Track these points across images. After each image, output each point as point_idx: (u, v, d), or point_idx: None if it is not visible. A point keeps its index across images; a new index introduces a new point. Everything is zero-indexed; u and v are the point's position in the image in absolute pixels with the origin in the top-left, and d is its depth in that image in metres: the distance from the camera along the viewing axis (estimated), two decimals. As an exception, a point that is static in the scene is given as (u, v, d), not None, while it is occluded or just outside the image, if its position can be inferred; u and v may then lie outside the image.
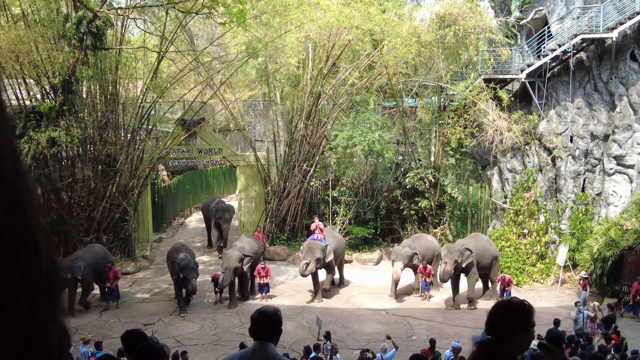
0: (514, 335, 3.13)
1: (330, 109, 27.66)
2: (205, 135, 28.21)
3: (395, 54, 25.29)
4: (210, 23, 33.35)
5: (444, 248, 20.33)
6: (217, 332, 17.36)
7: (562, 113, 24.20)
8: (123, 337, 5.52)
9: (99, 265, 19.62)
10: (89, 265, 19.20)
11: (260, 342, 4.17)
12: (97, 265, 19.55)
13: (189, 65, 26.65)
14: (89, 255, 19.79)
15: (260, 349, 4.14)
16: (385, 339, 14.54)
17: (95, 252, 20.19)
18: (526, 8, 25.76)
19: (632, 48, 23.01)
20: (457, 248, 19.87)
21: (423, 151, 27.67)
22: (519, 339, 3.14)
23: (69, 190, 22.90)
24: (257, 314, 4.28)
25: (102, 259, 19.98)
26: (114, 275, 19.55)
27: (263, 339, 4.17)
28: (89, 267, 19.20)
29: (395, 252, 20.89)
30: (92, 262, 19.45)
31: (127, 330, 5.62)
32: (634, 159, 22.42)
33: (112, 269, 19.58)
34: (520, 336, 3.14)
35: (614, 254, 19.61)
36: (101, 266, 19.69)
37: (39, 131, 21.06)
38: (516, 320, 3.17)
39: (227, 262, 19.52)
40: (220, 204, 26.46)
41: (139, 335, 5.55)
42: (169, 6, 21.23)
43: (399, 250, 20.78)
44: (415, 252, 20.75)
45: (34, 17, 22.10)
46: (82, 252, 20.03)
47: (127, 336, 5.49)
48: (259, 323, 4.21)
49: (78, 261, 18.89)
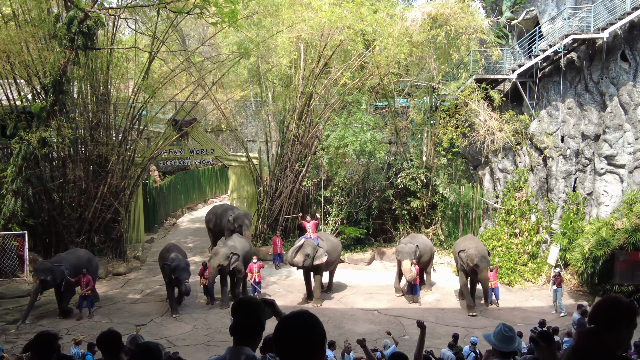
0: (618, 328, 3.22)
1: (322, 109, 27.66)
2: (197, 135, 28.18)
3: (387, 54, 25.33)
4: (201, 23, 33.29)
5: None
6: (209, 333, 17.32)
7: (553, 113, 24.28)
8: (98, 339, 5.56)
9: (82, 268, 18.75)
10: (72, 267, 18.54)
11: (236, 347, 3.93)
12: (80, 269, 18.65)
13: (181, 65, 26.59)
14: (72, 258, 19.13)
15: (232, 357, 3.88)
16: (386, 335, 14.68)
17: (79, 256, 19.49)
18: (517, 8, 25.84)
19: (623, 48, 23.11)
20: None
21: (415, 151, 27.72)
22: (622, 333, 3.26)
23: (60, 191, 22.82)
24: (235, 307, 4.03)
25: (86, 262, 19.34)
26: (86, 283, 18.43)
27: (242, 339, 3.94)
28: (72, 270, 18.50)
29: (399, 250, 20.72)
30: (75, 266, 18.72)
31: (102, 332, 5.66)
32: (625, 159, 22.53)
33: (86, 275, 18.45)
34: (624, 330, 3.24)
35: (605, 254, 19.67)
36: (85, 270, 19.01)
37: (30, 131, 20.97)
38: (623, 314, 3.29)
39: (214, 258, 19.54)
40: (236, 210, 25.85)
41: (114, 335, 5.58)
42: (160, 6, 21.21)
43: (403, 247, 20.61)
44: (417, 245, 20.76)
45: (24, 17, 22.02)
46: (66, 255, 19.44)
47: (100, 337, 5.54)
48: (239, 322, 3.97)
49: (60, 264, 18.34)
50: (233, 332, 3.98)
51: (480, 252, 19.40)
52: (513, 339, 5.75)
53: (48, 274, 17.75)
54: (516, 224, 23.69)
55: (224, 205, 27.54)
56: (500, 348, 5.73)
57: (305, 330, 3.12)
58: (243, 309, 3.99)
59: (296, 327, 3.14)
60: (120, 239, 24.82)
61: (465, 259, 19.41)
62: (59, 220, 22.61)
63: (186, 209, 36.47)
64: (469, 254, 19.35)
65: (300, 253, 19.65)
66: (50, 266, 18.07)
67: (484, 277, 19.53)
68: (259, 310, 4.01)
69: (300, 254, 19.64)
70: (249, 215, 25.44)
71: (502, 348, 5.72)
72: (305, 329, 3.12)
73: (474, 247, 19.63)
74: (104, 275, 23.04)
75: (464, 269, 19.72)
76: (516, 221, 23.70)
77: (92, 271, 19.50)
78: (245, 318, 3.96)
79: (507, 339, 5.73)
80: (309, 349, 3.08)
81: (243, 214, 25.07)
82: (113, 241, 24.51)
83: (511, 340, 5.73)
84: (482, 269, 19.27)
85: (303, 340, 3.08)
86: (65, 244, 22.70)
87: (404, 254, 20.29)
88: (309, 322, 3.16)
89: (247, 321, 3.96)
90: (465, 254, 19.45)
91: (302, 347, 3.07)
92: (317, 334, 3.13)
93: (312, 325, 3.15)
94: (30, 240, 21.80)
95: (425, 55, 26.76)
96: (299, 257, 19.61)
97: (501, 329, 5.82)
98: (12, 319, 17.97)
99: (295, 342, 3.08)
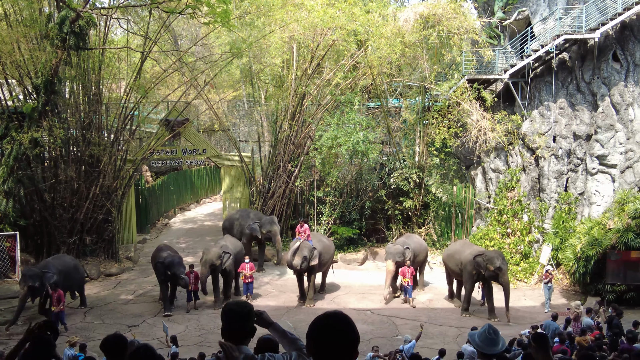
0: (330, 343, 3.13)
1: (315, 109, 27.66)
2: (190, 135, 28.13)
3: (379, 54, 25.36)
4: (194, 23, 33.28)
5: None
6: (202, 334, 17.29)
7: (545, 113, 24.36)
8: (104, 343, 5.46)
9: (69, 275, 18.48)
10: (59, 273, 18.04)
11: None
12: (67, 275, 18.34)
13: (173, 65, 26.54)
14: (58, 264, 18.54)
15: None
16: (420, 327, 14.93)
17: (65, 262, 18.98)
18: (509, 9, 25.92)
19: (614, 48, 23.22)
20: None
21: (407, 151, 27.77)
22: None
23: (52, 191, 22.72)
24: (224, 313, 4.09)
25: (72, 269, 18.98)
26: (57, 298, 17.16)
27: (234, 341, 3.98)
28: (60, 276, 17.98)
29: (386, 251, 20.99)
30: (61, 272, 18.18)
31: (108, 336, 5.58)
32: (616, 159, 22.63)
33: (57, 289, 17.28)
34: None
35: (596, 253, 19.72)
36: (72, 277, 18.74)
37: (22, 132, 20.90)
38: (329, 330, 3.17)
39: (206, 256, 19.49)
40: (258, 214, 24.91)
41: (122, 340, 5.51)
42: (152, 6, 21.16)
43: (389, 248, 20.81)
44: (407, 247, 20.73)
45: (16, 17, 21.91)
46: (52, 260, 18.93)
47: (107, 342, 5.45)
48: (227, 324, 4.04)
49: (48, 270, 17.76)
50: (224, 335, 4.04)
51: (500, 254, 18.89)
52: (496, 341, 5.68)
53: (36, 280, 17.23)
54: (508, 223, 23.74)
55: (244, 211, 25.67)
56: (482, 350, 5.68)
57: (344, 330, 3.11)
58: (233, 314, 4.05)
59: (335, 326, 3.12)
60: (113, 240, 24.75)
61: (485, 264, 18.51)
62: (51, 220, 22.52)
63: (178, 209, 36.37)
64: (490, 257, 18.51)
65: (298, 255, 19.61)
66: (38, 272, 17.53)
67: (506, 280, 18.71)
68: (249, 316, 4.07)
69: (298, 256, 19.62)
70: (275, 219, 24.46)
71: (484, 350, 5.68)
72: (344, 328, 3.11)
73: (491, 251, 19.30)
74: (96, 276, 22.99)
75: (476, 275, 18.85)
76: (508, 221, 23.75)
77: (78, 278, 19.25)
78: (234, 323, 4.02)
79: (489, 341, 5.67)
80: (347, 348, 3.07)
81: (269, 220, 24.02)
82: (105, 242, 24.42)
83: (494, 342, 5.67)
84: (505, 272, 18.57)
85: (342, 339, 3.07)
86: (57, 244, 22.63)
87: (388, 254, 20.55)
88: (346, 321, 3.15)
89: (237, 326, 4.02)
90: (486, 258, 18.54)
91: (341, 346, 3.06)
92: (354, 333, 3.13)
93: (350, 324, 3.14)
94: (22, 241, 21.70)
95: (417, 56, 26.81)
96: (297, 259, 19.60)
97: (485, 330, 5.78)
98: (4, 320, 17.87)
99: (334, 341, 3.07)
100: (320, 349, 3.06)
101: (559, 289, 21.99)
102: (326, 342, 3.06)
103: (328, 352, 3.04)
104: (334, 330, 3.08)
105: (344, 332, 3.08)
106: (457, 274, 19.87)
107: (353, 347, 3.08)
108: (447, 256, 20.69)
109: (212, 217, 34.79)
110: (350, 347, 3.07)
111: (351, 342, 3.08)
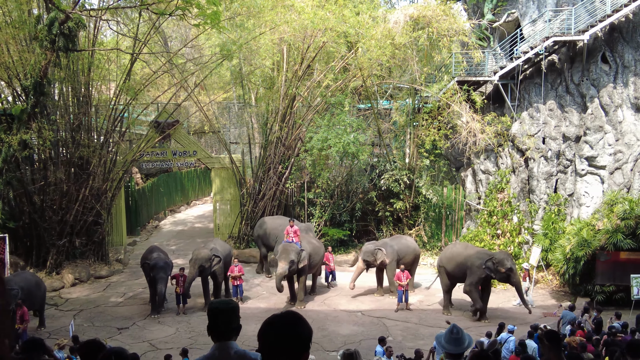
0: None
1: (305, 111, 27.66)
2: (180, 137, 28.07)
3: (369, 56, 25.40)
4: (184, 24, 33.21)
5: None
6: (192, 336, 17.25)
7: (534, 115, 24.45)
8: (81, 347, 5.50)
9: (30, 293, 16.93)
10: (21, 290, 16.34)
11: (221, 343, 4.10)
12: (29, 292, 16.84)
13: (163, 67, 26.45)
14: (20, 280, 17.06)
15: (221, 352, 4.07)
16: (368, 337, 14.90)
17: (26, 279, 17.55)
18: (499, 11, 26.00)
19: (603, 50, 23.35)
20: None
21: (398, 153, 27.81)
22: None
23: (41, 194, 22.61)
24: (209, 311, 4.22)
25: (34, 286, 17.43)
26: (21, 316, 15.67)
27: (222, 337, 4.12)
28: (22, 292, 16.33)
29: (361, 249, 21.79)
30: (23, 289, 16.51)
31: (86, 341, 5.61)
32: (605, 160, 22.76)
33: (22, 307, 15.81)
34: None
35: (586, 254, 19.82)
36: (33, 294, 17.09)
37: (11, 134, 20.77)
38: None
39: (195, 258, 19.35)
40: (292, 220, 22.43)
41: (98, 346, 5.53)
42: (142, 7, 21.07)
43: (364, 247, 21.66)
44: (378, 248, 20.87)
45: (5, 18, 21.78)
46: (13, 277, 17.74)
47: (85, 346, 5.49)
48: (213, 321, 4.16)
49: (13, 287, 16.04)
50: (210, 332, 4.17)
51: (508, 255, 18.81)
52: (460, 340, 5.72)
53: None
54: (498, 225, 23.81)
55: (275, 220, 24.08)
56: (448, 350, 5.73)
57: (291, 329, 3.12)
58: (218, 312, 4.18)
59: (282, 325, 3.14)
60: (102, 242, 24.67)
61: (495, 266, 18.18)
62: (40, 223, 22.41)
63: (169, 211, 36.29)
64: (500, 260, 18.23)
65: (284, 260, 19.27)
66: None
67: (518, 280, 18.63)
68: (234, 312, 4.20)
69: (284, 261, 19.26)
70: (311, 226, 23.84)
71: (449, 350, 5.72)
72: (292, 328, 3.13)
73: (498, 252, 19.15)
74: (85, 279, 22.91)
75: (484, 278, 18.57)
76: (498, 222, 23.82)
77: (40, 296, 17.84)
78: (220, 320, 4.16)
79: (454, 341, 5.71)
80: (294, 348, 3.09)
81: (304, 227, 22.76)
82: (95, 244, 24.34)
83: (458, 342, 5.71)
84: (515, 272, 18.47)
85: (288, 339, 3.09)
86: (47, 246, 22.53)
87: (361, 253, 21.48)
88: (295, 321, 3.17)
89: (222, 322, 4.15)
90: (496, 260, 18.23)
91: (288, 346, 3.08)
92: (303, 334, 3.14)
93: (298, 325, 3.15)
94: (11, 243, 21.55)
95: (407, 58, 26.87)
96: (284, 266, 19.15)
97: (449, 330, 5.83)
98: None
99: (281, 341, 3.09)
100: (265, 348, 3.12)
101: (549, 290, 22.09)
102: (269, 342, 3.11)
103: (272, 351, 3.09)
104: (277, 331, 3.12)
105: (286, 334, 3.10)
106: (459, 277, 19.31)
107: (297, 347, 3.10)
108: (446, 259, 19.79)
109: (203, 219, 34.73)
110: (294, 347, 3.09)
111: (294, 343, 3.10)
